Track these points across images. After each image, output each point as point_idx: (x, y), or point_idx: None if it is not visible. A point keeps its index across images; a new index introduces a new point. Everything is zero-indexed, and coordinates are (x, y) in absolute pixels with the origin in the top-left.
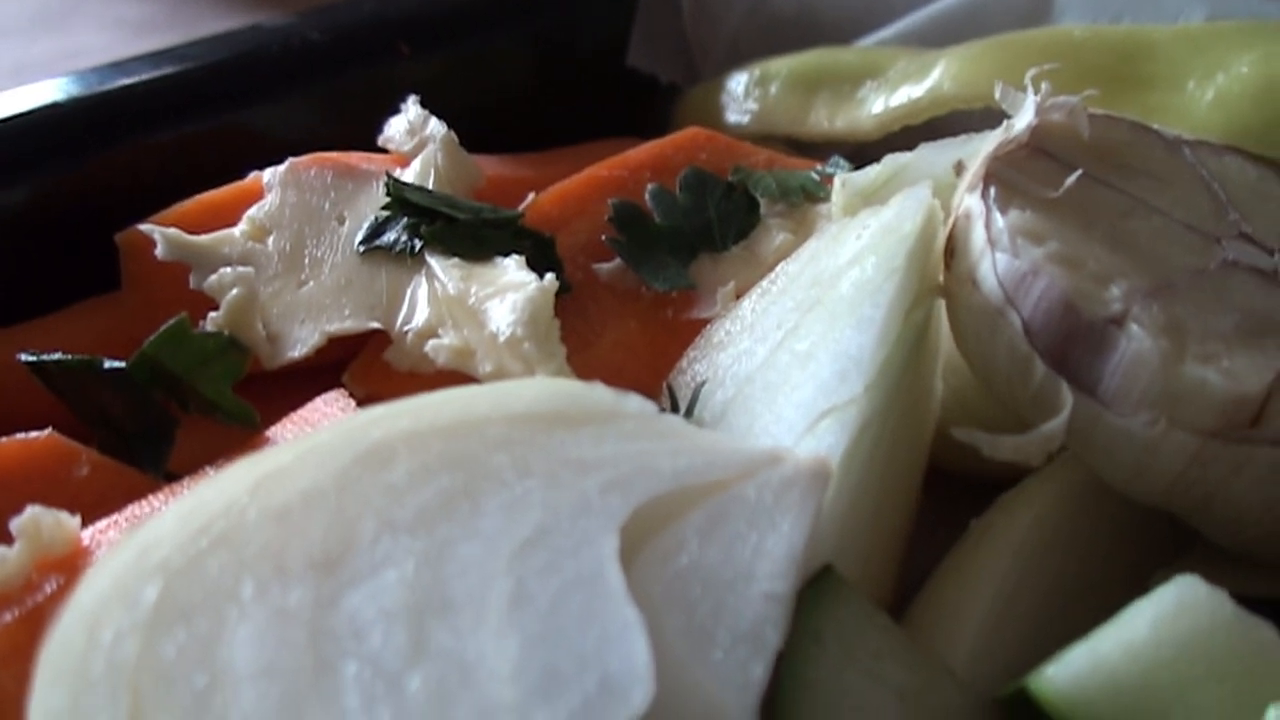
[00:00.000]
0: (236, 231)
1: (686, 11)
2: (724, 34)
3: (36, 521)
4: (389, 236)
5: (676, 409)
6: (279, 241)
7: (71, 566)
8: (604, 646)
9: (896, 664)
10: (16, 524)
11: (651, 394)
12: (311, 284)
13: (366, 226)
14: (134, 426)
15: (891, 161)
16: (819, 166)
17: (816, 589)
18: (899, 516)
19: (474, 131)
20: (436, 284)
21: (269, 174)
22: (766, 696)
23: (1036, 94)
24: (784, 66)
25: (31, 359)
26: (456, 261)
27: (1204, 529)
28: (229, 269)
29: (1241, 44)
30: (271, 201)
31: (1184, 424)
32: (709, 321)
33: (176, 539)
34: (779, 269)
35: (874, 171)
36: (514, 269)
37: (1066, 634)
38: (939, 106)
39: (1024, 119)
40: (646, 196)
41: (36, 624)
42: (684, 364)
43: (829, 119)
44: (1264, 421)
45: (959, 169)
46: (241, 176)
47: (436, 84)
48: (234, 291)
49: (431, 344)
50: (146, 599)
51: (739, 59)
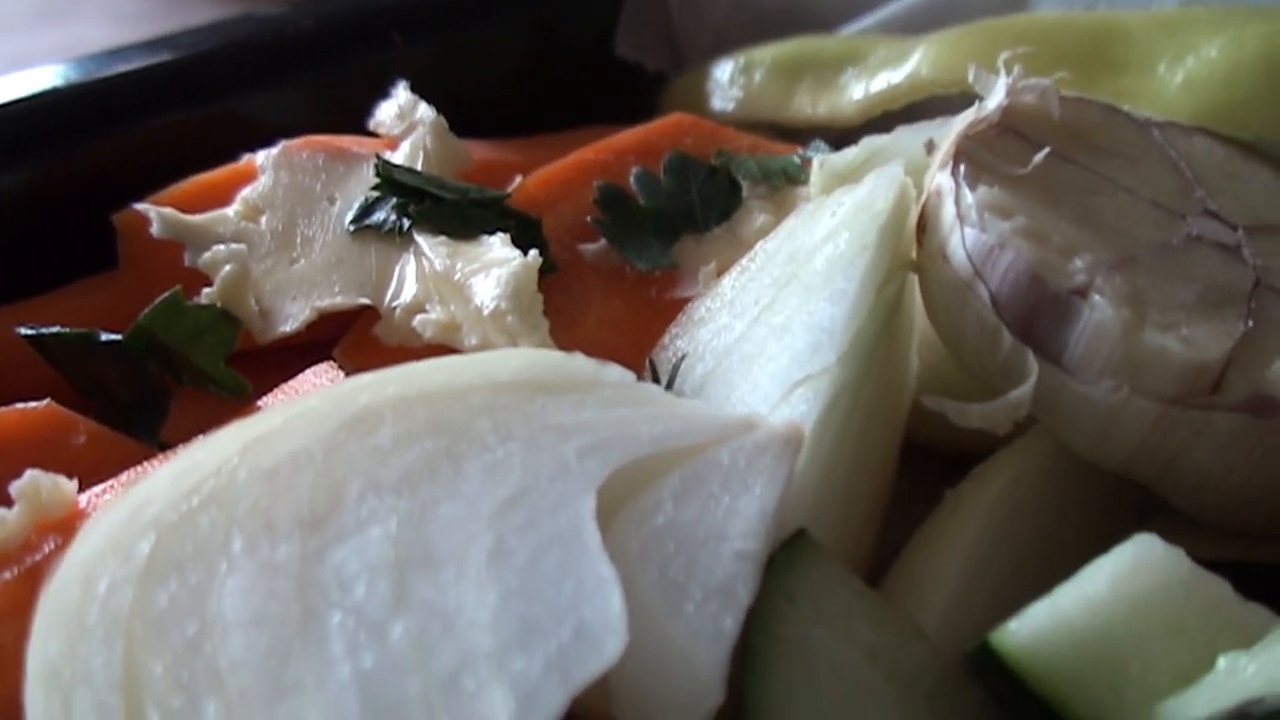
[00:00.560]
0: (230, 211)
1: (673, 2)
2: (710, 23)
3: (35, 484)
4: (378, 216)
5: (658, 383)
6: (271, 221)
7: (69, 528)
8: (579, 599)
9: (867, 623)
10: (16, 487)
11: (635, 370)
12: (303, 262)
13: (357, 206)
14: (129, 397)
15: (869, 143)
16: (801, 151)
17: (790, 551)
18: (874, 486)
19: (464, 119)
20: (424, 261)
21: (262, 156)
22: (739, 654)
23: (1008, 76)
24: (768, 55)
25: (30, 332)
26: (443, 240)
27: (1167, 495)
28: (223, 246)
29: (1211, 28)
30: (264, 182)
31: (1145, 391)
32: (691, 300)
33: (169, 497)
34: (758, 247)
35: (851, 153)
36: (499, 246)
37: (1035, 598)
38: (917, 91)
39: (995, 99)
40: (631, 179)
41: (35, 582)
42: (666, 340)
43: (811, 105)
44: (1224, 388)
45: (929, 147)
46: (236, 161)
47: (427, 72)
48: (227, 268)
49: (419, 319)
50: (140, 552)
51: (725, 48)
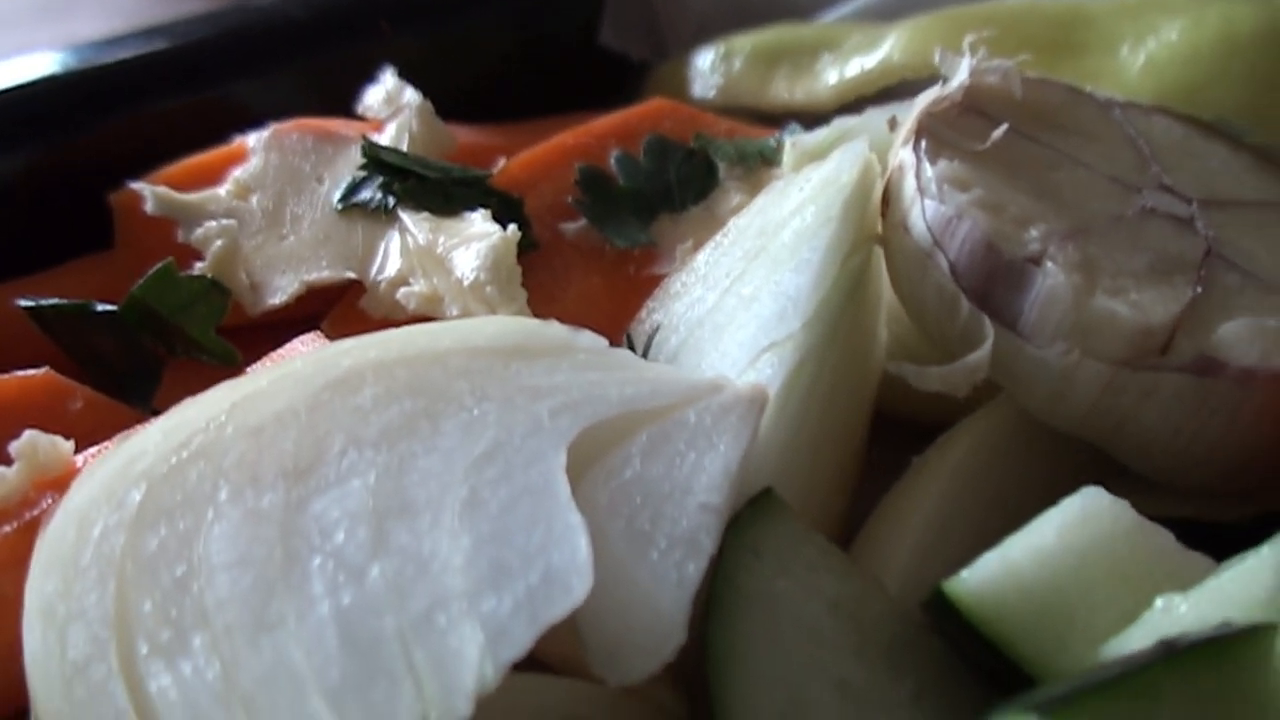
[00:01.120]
0: (222, 191)
1: None
2: (692, 13)
3: (34, 444)
4: (365, 194)
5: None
6: (262, 200)
7: (65, 485)
8: (548, 544)
9: (830, 577)
10: (15, 446)
11: (614, 343)
12: (292, 238)
13: (344, 185)
14: (124, 366)
15: (839, 123)
16: (777, 134)
17: (755, 507)
18: (843, 453)
19: (452, 108)
20: (408, 237)
21: (253, 138)
22: (704, 605)
23: (973, 58)
24: (747, 43)
25: (29, 304)
26: (426, 216)
27: (1120, 456)
28: (214, 222)
29: (1171, 11)
30: (255, 163)
31: (1096, 353)
32: (668, 276)
33: (160, 450)
34: (730, 223)
35: (823, 133)
36: (480, 221)
37: None
38: (889, 76)
39: (958, 79)
40: (611, 161)
41: (33, 536)
42: (643, 315)
43: (789, 90)
44: (1172, 351)
45: (892, 124)
46: (228, 143)
47: (416, 62)
48: (219, 243)
49: (403, 291)
50: (131, 500)
51: (706, 36)
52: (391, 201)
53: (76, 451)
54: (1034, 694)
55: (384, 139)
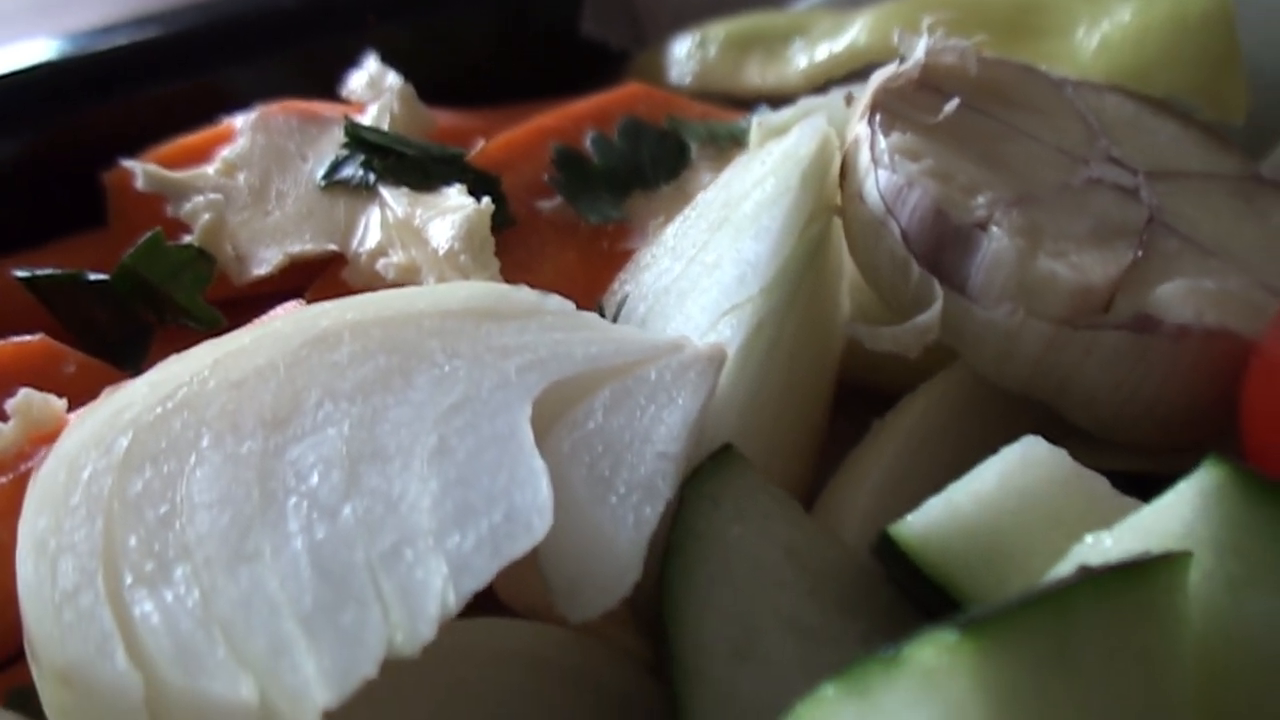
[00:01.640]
0: (210, 169)
1: None
2: (670, 3)
3: (29, 401)
4: (346, 172)
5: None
6: (249, 177)
7: (57, 440)
8: (511, 487)
9: (785, 525)
10: (11, 404)
11: None
12: (277, 213)
13: (327, 163)
14: (115, 333)
15: (804, 103)
16: (747, 116)
17: (716, 461)
18: (806, 417)
19: (436, 97)
20: (387, 210)
21: (240, 119)
22: (663, 550)
23: (930, 38)
24: (721, 30)
25: (24, 274)
26: (405, 191)
27: (1066, 412)
28: (202, 197)
29: None
30: (242, 143)
31: (1038, 312)
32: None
33: (146, 401)
34: (698, 197)
35: (788, 112)
36: (455, 195)
37: None
38: (856, 60)
39: (914, 57)
40: (587, 142)
41: (27, 486)
42: (615, 286)
43: (761, 76)
44: (1112, 310)
45: (849, 100)
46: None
47: (401, 51)
48: (206, 216)
49: (382, 262)
50: (119, 446)
51: (683, 24)
52: (372, 178)
53: (69, 411)
54: (959, 615)
55: (366, 120)
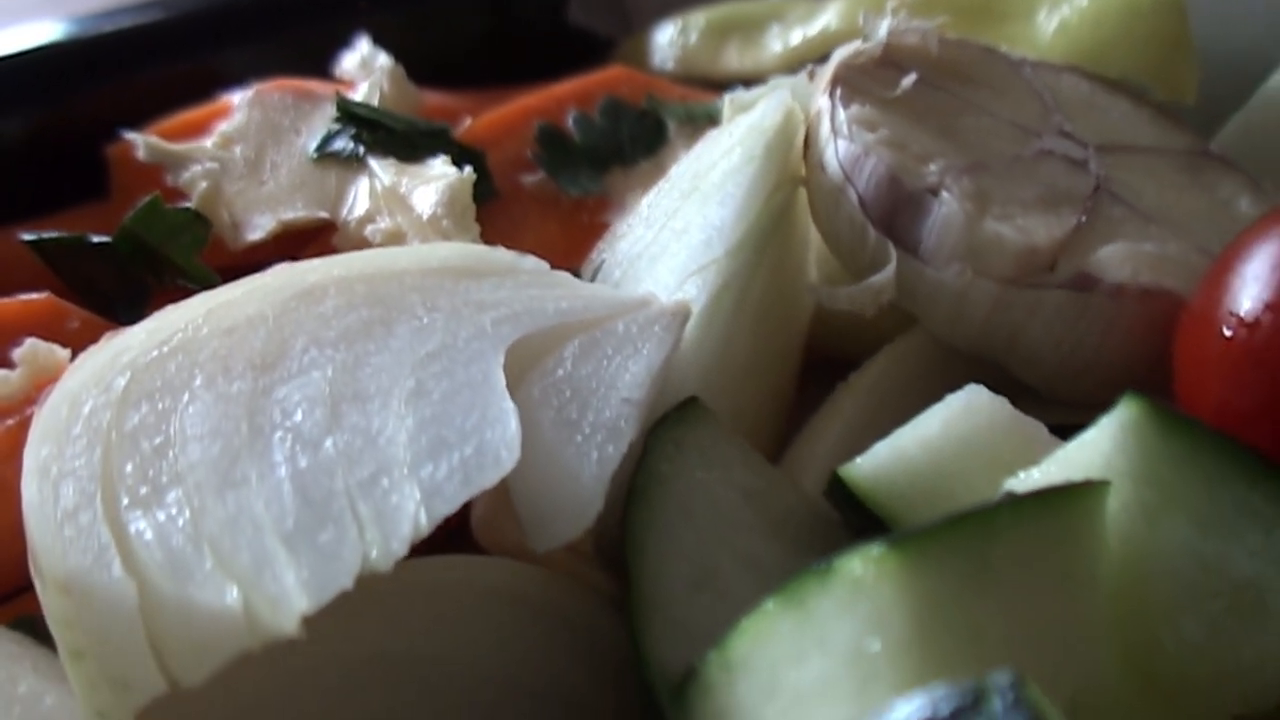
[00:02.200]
0: (208, 142)
1: None
2: None
3: (34, 350)
4: (337, 145)
5: None
6: (245, 150)
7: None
8: (483, 425)
9: (747, 471)
10: (18, 353)
11: None
12: (271, 183)
13: (319, 137)
14: (116, 293)
15: (775, 81)
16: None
17: (680, 410)
18: (773, 379)
19: (426, 83)
20: (375, 180)
21: (238, 96)
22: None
23: (894, 19)
24: (702, 18)
25: (30, 237)
26: (392, 162)
27: (1015, 370)
28: (200, 166)
29: None
30: (239, 118)
31: (986, 272)
32: None
33: (144, 345)
34: (671, 170)
35: (758, 90)
36: (439, 165)
37: None
38: (828, 44)
39: (876, 36)
40: (569, 121)
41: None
42: (593, 255)
43: (739, 60)
44: (1055, 271)
45: (811, 75)
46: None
47: (391, 38)
48: (203, 184)
49: (370, 229)
50: (117, 385)
51: (668, 12)
52: (361, 150)
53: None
54: (889, 534)
55: (357, 97)
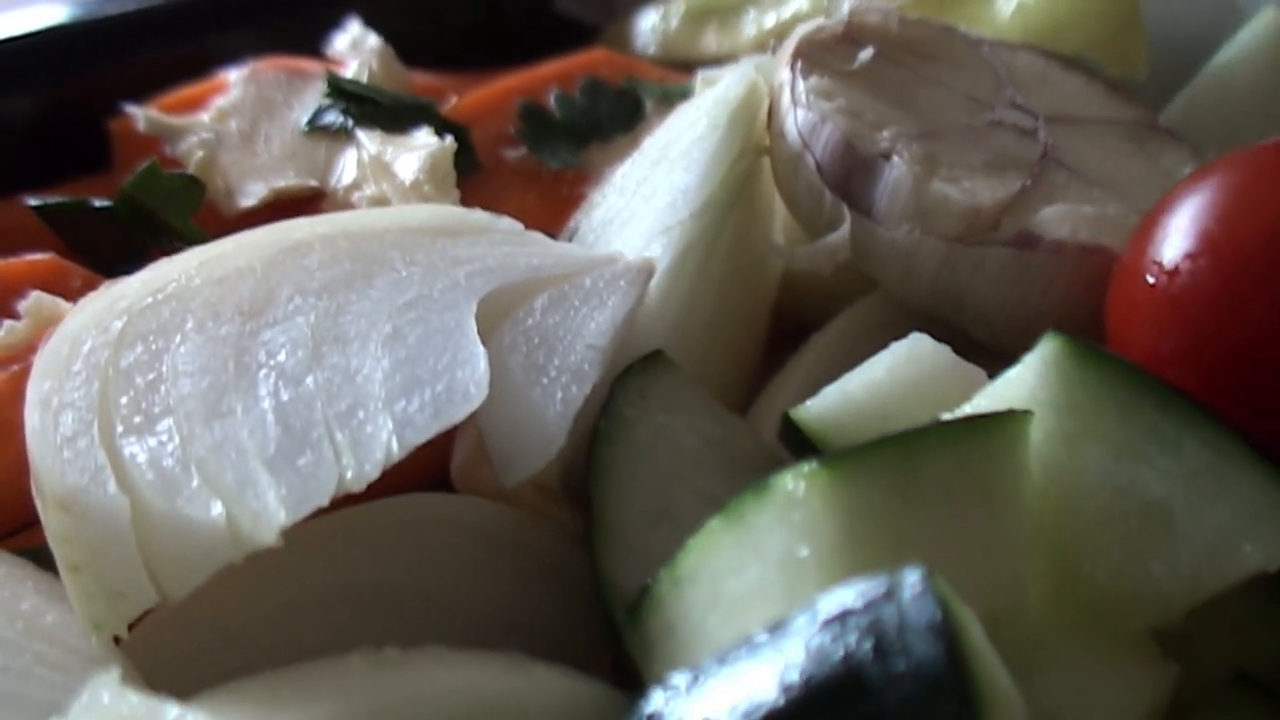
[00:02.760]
0: (205, 116)
1: None
2: None
3: (39, 302)
4: (327, 118)
5: None
6: (240, 124)
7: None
8: (454, 365)
9: (708, 418)
10: (23, 305)
11: None
12: (264, 154)
13: (310, 112)
14: (116, 255)
15: (746, 60)
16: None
17: (645, 361)
18: (740, 336)
19: (416, 69)
20: (362, 150)
21: (234, 74)
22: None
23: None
24: (682, 4)
25: (35, 202)
26: (378, 133)
27: (965, 327)
28: (196, 137)
29: None
30: (235, 94)
31: (933, 231)
32: None
33: (139, 293)
34: (644, 142)
35: (728, 69)
36: (423, 136)
37: None
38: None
39: (838, 13)
40: (551, 100)
41: None
42: (571, 224)
43: (716, 44)
44: (999, 231)
45: (774, 48)
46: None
47: (381, 26)
48: (200, 153)
49: (356, 195)
50: (114, 328)
51: (650, 1)
52: (350, 123)
53: None
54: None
55: (346, 74)
